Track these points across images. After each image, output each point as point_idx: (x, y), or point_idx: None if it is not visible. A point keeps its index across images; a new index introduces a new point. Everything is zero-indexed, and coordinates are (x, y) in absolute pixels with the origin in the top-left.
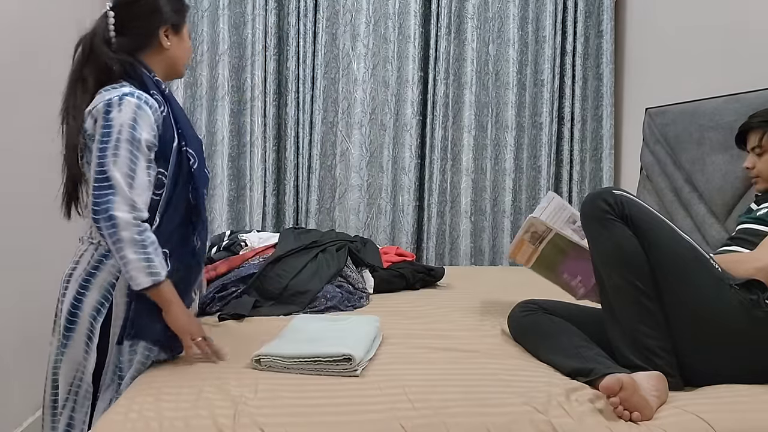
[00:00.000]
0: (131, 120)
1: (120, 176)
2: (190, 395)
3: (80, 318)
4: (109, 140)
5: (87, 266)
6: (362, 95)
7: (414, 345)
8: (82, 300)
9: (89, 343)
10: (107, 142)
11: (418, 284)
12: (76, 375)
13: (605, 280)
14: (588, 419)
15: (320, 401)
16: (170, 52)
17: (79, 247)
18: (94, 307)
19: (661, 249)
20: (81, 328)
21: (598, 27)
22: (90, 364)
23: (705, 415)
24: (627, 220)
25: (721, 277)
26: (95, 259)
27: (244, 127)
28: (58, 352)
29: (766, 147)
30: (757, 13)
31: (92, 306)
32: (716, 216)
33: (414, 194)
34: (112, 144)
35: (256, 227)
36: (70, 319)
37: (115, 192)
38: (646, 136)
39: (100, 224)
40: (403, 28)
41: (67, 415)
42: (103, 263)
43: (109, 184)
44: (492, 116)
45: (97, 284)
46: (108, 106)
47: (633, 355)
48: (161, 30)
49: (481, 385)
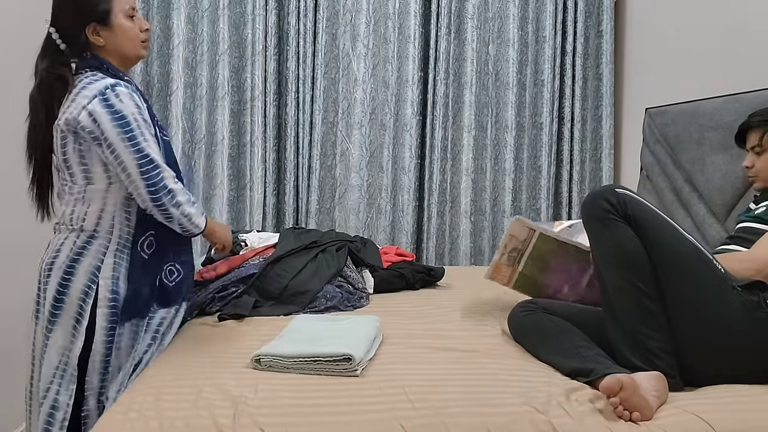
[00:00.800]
0: (135, 104)
1: (155, 154)
2: (190, 395)
3: (66, 303)
4: (131, 127)
5: (70, 253)
6: (362, 95)
7: (414, 345)
8: (68, 286)
9: (77, 326)
10: (131, 130)
11: (418, 284)
12: (62, 359)
13: (606, 280)
14: (588, 419)
15: (320, 401)
16: (109, 47)
17: (57, 235)
18: (81, 290)
19: (664, 249)
20: (68, 313)
21: (598, 27)
22: (77, 348)
23: (705, 415)
24: (629, 219)
25: (724, 278)
26: (78, 245)
27: (244, 127)
28: (44, 338)
29: (765, 146)
30: (757, 13)
31: (80, 290)
32: (716, 216)
33: (414, 194)
34: (136, 130)
35: (256, 227)
36: (56, 305)
37: (160, 169)
38: (646, 136)
39: (163, 200)
40: (403, 28)
41: (51, 398)
42: (87, 249)
43: (155, 165)
44: (492, 116)
45: (83, 269)
46: (105, 99)
47: (633, 356)
48: (87, 30)
49: (481, 385)
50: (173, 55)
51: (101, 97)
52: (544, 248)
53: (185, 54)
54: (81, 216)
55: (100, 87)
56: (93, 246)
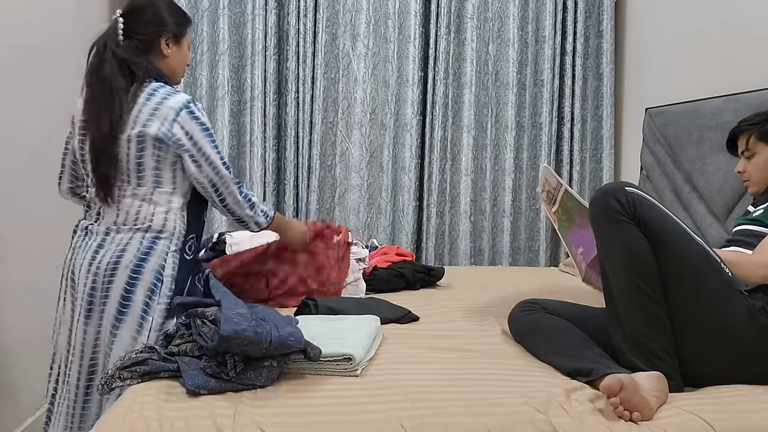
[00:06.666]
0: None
1: None
2: (190, 395)
3: (133, 302)
4: (214, 139)
5: (137, 252)
6: (362, 95)
7: (414, 345)
8: (135, 284)
9: (143, 323)
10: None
11: (418, 284)
12: None
13: (611, 279)
14: (588, 419)
15: (320, 401)
16: (169, 60)
17: (120, 236)
18: (148, 288)
19: (673, 252)
20: (134, 312)
21: (598, 27)
22: (140, 343)
23: (705, 415)
24: (638, 221)
25: (731, 282)
26: (145, 245)
27: (244, 127)
28: (110, 335)
29: (753, 150)
30: (757, 14)
31: (147, 288)
32: (716, 216)
33: (414, 194)
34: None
35: None
36: (124, 303)
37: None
38: (646, 136)
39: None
40: (403, 28)
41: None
42: (153, 249)
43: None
44: (492, 116)
45: (150, 268)
46: (190, 112)
47: (635, 356)
48: (162, 38)
49: (481, 385)
50: None
51: (187, 110)
52: (568, 204)
53: None
54: (149, 216)
55: (183, 101)
56: (159, 245)
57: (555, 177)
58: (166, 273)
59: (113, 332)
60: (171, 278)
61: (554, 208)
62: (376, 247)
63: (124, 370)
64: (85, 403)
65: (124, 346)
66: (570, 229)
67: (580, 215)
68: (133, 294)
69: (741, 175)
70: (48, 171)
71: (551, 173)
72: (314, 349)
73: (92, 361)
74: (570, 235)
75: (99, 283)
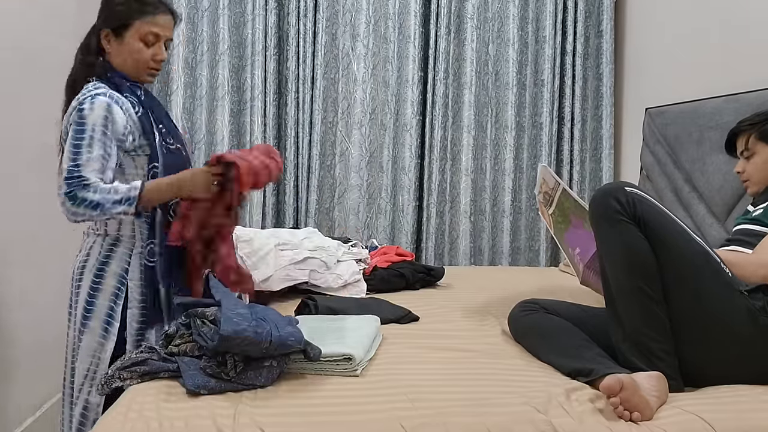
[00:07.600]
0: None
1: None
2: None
3: (97, 306)
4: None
5: (99, 256)
6: (362, 95)
7: (414, 345)
8: (98, 288)
9: (108, 328)
10: (83, 140)
11: (417, 284)
12: (93, 360)
13: (611, 280)
14: (588, 419)
15: (320, 401)
16: (112, 56)
17: (86, 240)
18: (112, 292)
19: (673, 252)
20: (98, 315)
21: (598, 27)
22: (108, 350)
23: (705, 415)
24: (638, 220)
25: (731, 282)
26: (105, 249)
27: (244, 127)
28: (76, 340)
29: (752, 150)
30: (757, 14)
31: (110, 293)
32: (716, 216)
33: (414, 194)
34: (86, 140)
35: (256, 227)
36: (87, 308)
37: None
38: (646, 136)
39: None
40: (403, 28)
41: (83, 399)
42: (114, 252)
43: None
44: (492, 116)
45: (111, 272)
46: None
47: (635, 356)
48: (102, 33)
49: (481, 385)
50: (173, 55)
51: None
52: (566, 204)
53: (185, 54)
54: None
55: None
56: (119, 249)
57: (553, 177)
58: (132, 278)
59: (79, 336)
60: (139, 284)
61: (550, 210)
62: (376, 247)
63: (124, 370)
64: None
65: (89, 350)
66: (566, 231)
67: (576, 215)
68: (95, 299)
69: (740, 175)
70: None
71: (550, 173)
72: (314, 349)
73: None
74: (566, 237)
75: (73, 286)
